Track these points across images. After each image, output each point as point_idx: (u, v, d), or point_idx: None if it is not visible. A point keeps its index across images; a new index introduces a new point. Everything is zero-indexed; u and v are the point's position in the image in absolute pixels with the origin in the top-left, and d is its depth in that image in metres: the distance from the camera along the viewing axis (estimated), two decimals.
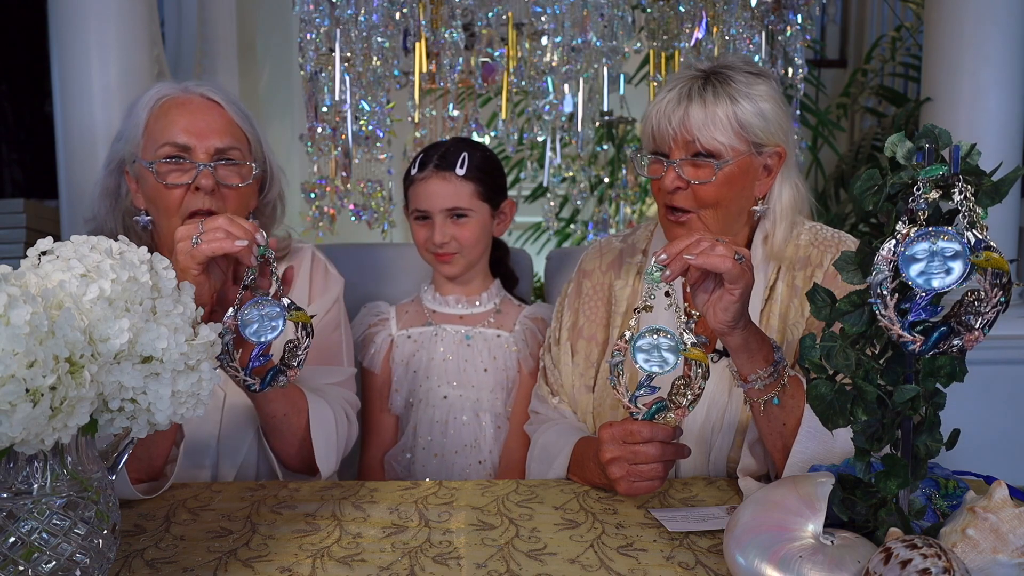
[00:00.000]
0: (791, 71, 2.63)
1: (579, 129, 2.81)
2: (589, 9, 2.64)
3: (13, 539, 0.87)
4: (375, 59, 2.57)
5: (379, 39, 2.53)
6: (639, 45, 2.94)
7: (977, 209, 0.89)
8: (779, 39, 2.62)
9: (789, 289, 1.46)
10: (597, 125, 3.21)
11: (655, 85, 2.90)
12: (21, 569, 0.87)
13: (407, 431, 1.87)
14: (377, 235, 2.80)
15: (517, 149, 3.53)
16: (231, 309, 1.21)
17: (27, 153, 3.69)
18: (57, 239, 0.93)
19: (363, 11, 2.49)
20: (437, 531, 1.17)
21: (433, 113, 2.88)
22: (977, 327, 0.90)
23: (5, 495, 0.88)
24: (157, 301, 0.93)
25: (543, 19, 2.68)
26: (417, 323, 1.90)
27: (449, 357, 1.85)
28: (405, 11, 2.56)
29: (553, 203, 3.10)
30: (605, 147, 3.48)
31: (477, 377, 1.85)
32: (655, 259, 1.19)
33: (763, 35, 2.62)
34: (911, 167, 0.91)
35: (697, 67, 1.43)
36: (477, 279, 1.91)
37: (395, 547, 1.12)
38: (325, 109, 2.59)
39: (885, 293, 0.90)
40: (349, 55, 2.52)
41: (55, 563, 0.88)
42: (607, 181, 3.67)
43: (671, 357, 1.17)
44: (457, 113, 2.83)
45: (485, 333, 1.87)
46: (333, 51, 2.50)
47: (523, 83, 2.84)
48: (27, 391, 0.78)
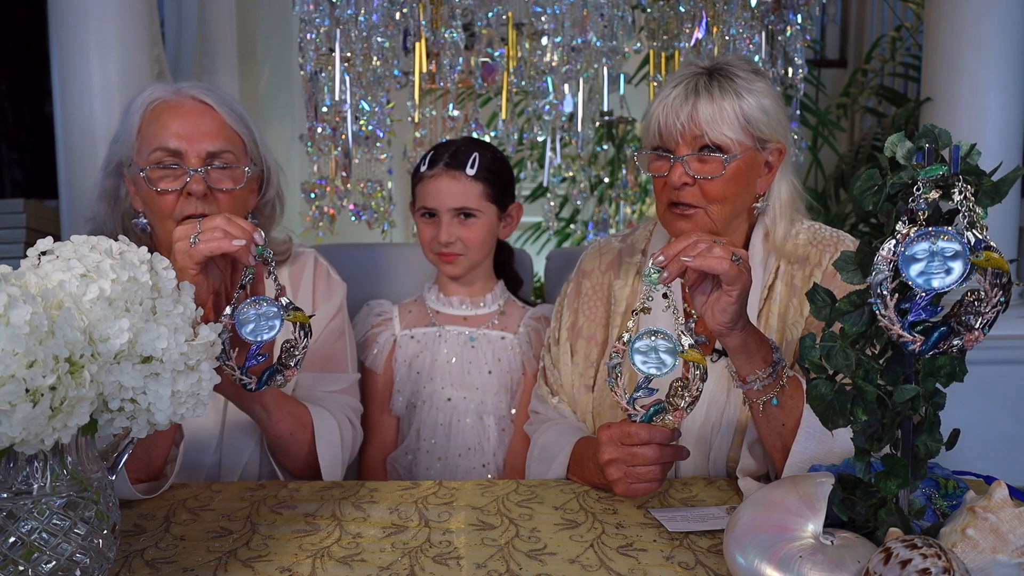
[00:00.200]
0: (791, 71, 2.63)
1: (579, 129, 2.81)
2: (589, 9, 2.64)
3: (13, 539, 0.87)
4: (375, 59, 2.57)
5: (379, 39, 2.53)
6: (639, 45, 2.94)
7: (977, 209, 0.89)
8: (779, 39, 2.62)
9: (788, 288, 1.46)
10: (597, 125, 3.21)
11: (655, 85, 2.90)
12: (21, 569, 0.87)
13: (410, 433, 1.86)
14: (377, 235, 2.79)
15: (517, 149, 3.53)
16: (228, 308, 1.21)
17: (27, 153, 3.69)
18: (57, 239, 0.93)
19: (363, 11, 2.49)
20: (437, 531, 1.17)
21: (433, 113, 2.88)
22: (977, 327, 0.90)
23: (5, 495, 0.88)
24: (157, 301, 0.93)
25: (543, 19, 2.68)
26: (420, 323, 1.89)
27: (453, 359, 1.85)
28: (405, 11, 2.56)
29: (553, 203, 3.10)
30: (605, 147, 3.48)
31: (481, 379, 1.84)
32: (652, 261, 1.19)
33: (763, 35, 2.62)
34: (911, 167, 0.91)
35: (699, 64, 1.43)
36: (481, 280, 1.90)
37: (395, 547, 1.12)
38: (325, 109, 2.59)
39: (885, 293, 0.90)
40: (349, 55, 2.52)
41: (55, 563, 0.88)
42: (607, 181, 3.67)
43: (669, 359, 1.17)
44: (457, 113, 2.83)
45: (489, 335, 1.87)
46: (333, 51, 2.50)
47: (523, 83, 2.84)
48: (27, 391, 0.78)
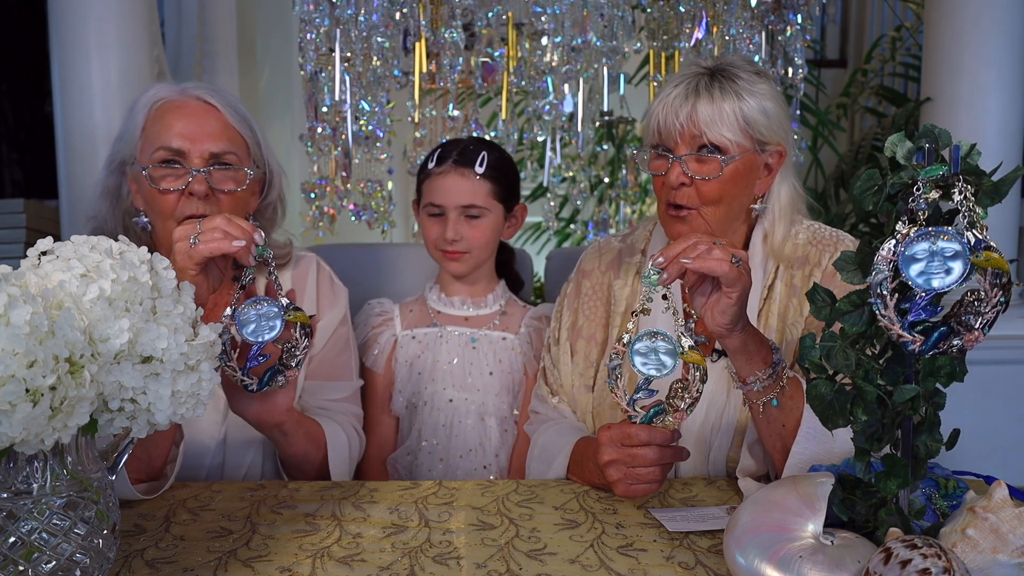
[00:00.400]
0: (791, 71, 2.63)
1: (579, 129, 2.81)
2: (589, 9, 2.64)
3: (13, 539, 0.87)
4: (375, 59, 2.57)
5: (379, 39, 2.53)
6: (639, 45, 2.94)
7: (977, 209, 0.89)
8: (779, 39, 2.62)
9: (788, 288, 1.46)
10: (597, 125, 3.21)
11: (655, 85, 2.91)
12: (21, 569, 0.87)
13: (411, 434, 1.85)
14: (377, 235, 2.79)
15: (517, 149, 3.53)
16: (228, 308, 1.21)
17: (27, 153, 3.68)
18: (57, 239, 0.93)
19: (363, 11, 2.49)
20: (437, 531, 1.17)
21: (433, 113, 2.88)
22: (977, 327, 0.90)
23: (5, 495, 0.88)
24: (157, 301, 0.93)
25: (543, 19, 2.68)
26: (421, 324, 1.89)
27: (454, 360, 1.84)
28: (405, 11, 2.56)
29: (553, 203, 3.10)
30: (605, 147, 3.49)
31: (482, 380, 1.84)
32: (652, 262, 1.18)
33: (763, 35, 2.62)
34: (911, 167, 0.91)
35: (701, 64, 1.43)
36: (483, 280, 1.90)
37: (395, 547, 1.12)
38: (325, 109, 2.59)
39: (885, 293, 0.90)
40: (349, 55, 2.52)
41: (55, 563, 0.88)
42: (607, 181, 3.67)
43: (669, 361, 1.17)
44: (457, 113, 2.83)
45: (491, 336, 1.86)
46: (333, 51, 2.50)
47: (523, 83, 2.84)
48: (27, 391, 0.78)
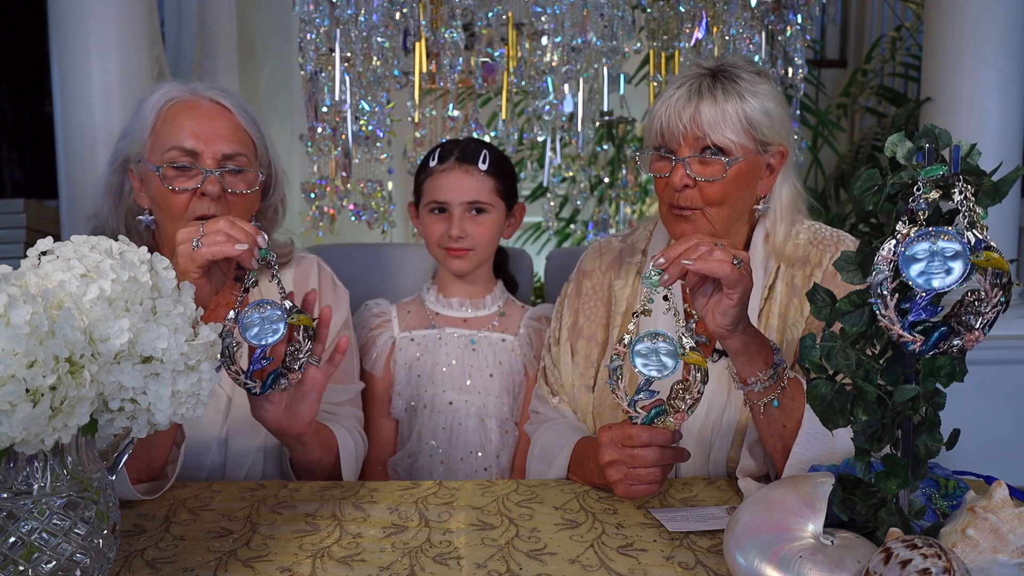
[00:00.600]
0: (791, 71, 2.63)
1: (579, 129, 2.81)
2: (589, 9, 2.64)
3: (13, 539, 0.87)
4: (375, 59, 2.56)
5: (379, 39, 2.53)
6: (639, 45, 2.94)
7: (977, 209, 0.89)
8: (779, 39, 2.62)
9: (788, 288, 1.46)
10: (597, 125, 3.21)
11: (655, 85, 2.90)
12: (21, 569, 0.87)
13: (412, 437, 1.85)
14: (377, 235, 2.79)
15: (517, 149, 3.53)
16: (231, 311, 1.21)
17: (27, 153, 3.68)
18: (57, 239, 0.93)
19: (363, 11, 2.49)
20: (437, 531, 1.17)
21: (433, 113, 2.88)
22: (977, 327, 0.90)
23: (5, 495, 0.88)
24: (157, 301, 0.93)
25: (543, 19, 2.68)
26: (420, 325, 1.88)
27: (453, 362, 1.84)
28: (405, 11, 2.56)
29: (553, 203, 3.10)
30: (605, 147, 3.48)
31: (482, 382, 1.83)
32: (653, 263, 1.18)
33: (763, 35, 2.62)
34: (911, 167, 0.91)
35: (702, 65, 1.43)
36: (482, 281, 1.90)
37: (395, 547, 1.12)
38: (325, 109, 2.59)
39: (885, 293, 0.90)
40: (349, 55, 2.52)
41: (55, 563, 0.88)
42: (607, 181, 3.67)
43: (669, 361, 1.17)
44: (457, 113, 2.83)
45: (490, 337, 1.86)
46: (333, 51, 2.49)
47: (523, 83, 2.84)
48: (27, 391, 0.78)
